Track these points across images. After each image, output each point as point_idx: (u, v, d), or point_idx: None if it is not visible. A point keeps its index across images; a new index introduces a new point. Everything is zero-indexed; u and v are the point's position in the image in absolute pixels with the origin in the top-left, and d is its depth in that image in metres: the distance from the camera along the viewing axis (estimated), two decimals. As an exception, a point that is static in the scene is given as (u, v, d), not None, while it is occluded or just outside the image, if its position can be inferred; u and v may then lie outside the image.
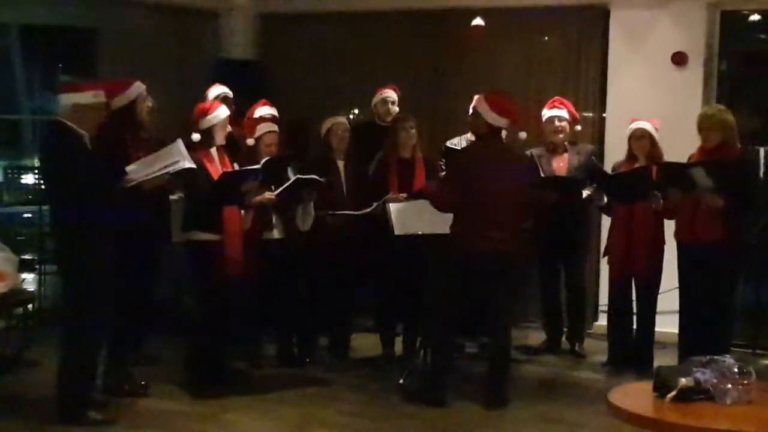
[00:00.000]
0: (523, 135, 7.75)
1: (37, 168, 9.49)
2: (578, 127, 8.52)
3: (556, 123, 8.32)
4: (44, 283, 9.11)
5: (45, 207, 9.00)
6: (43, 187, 8.29)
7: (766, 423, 4.25)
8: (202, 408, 6.80)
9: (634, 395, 4.70)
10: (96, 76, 9.41)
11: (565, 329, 8.78)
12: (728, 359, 4.49)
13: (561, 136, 8.33)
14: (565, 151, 8.35)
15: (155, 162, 6.47)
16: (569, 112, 8.38)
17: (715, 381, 4.39)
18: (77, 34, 10.10)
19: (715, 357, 4.52)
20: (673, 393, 4.41)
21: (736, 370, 4.42)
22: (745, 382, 4.40)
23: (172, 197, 7.60)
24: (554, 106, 8.39)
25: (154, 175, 6.42)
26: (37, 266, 9.13)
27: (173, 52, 10.05)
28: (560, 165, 8.29)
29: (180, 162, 6.47)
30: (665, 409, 4.39)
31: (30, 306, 8.30)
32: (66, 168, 6.15)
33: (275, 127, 7.82)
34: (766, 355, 8.41)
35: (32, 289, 8.73)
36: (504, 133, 7.27)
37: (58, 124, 6.25)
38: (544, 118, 8.42)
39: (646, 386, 4.71)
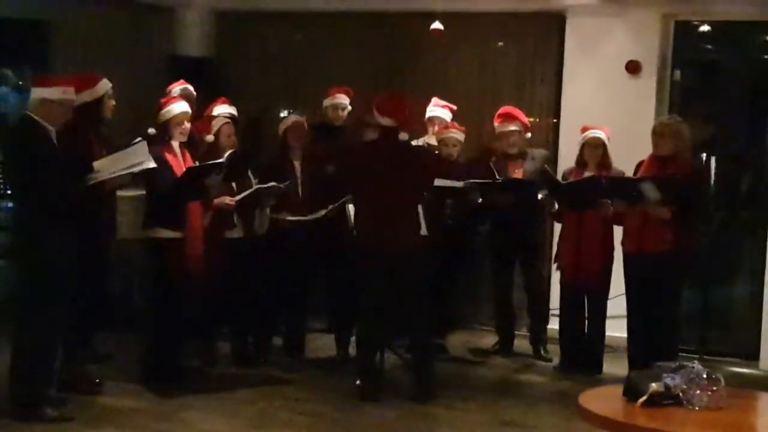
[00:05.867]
0: (404, 136, 7.70)
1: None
2: (528, 135, 8.56)
3: (510, 138, 8.38)
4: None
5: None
6: (4, 180, 8.22)
7: (734, 428, 4.35)
8: (159, 406, 6.78)
9: (605, 399, 4.76)
10: (48, 70, 9.27)
11: (526, 333, 8.88)
12: (697, 365, 4.57)
13: (514, 147, 8.40)
14: (520, 157, 8.41)
15: (119, 161, 6.46)
16: (521, 123, 8.42)
17: (684, 387, 4.47)
18: (29, 27, 9.93)
19: (685, 363, 4.60)
20: (644, 398, 4.48)
21: (705, 376, 4.49)
22: (714, 388, 4.48)
23: (119, 193, 7.52)
24: (504, 120, 8.43)
25: (117, 174, 6.43)
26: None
27: (127, 47, 9.95)
28: (516, 171, 8.35)
29: (144, 163, 6.48)
30: (635, 414, 4.46)
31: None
32: (31, 163, 6.12)
33: (229, 119, 7.81)
34: (731, 362, 8.55)
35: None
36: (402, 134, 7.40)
37: (26, 118, 6.22)
38: (496, 131, 8.50)
39: (616, 390, 4.77)
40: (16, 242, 6.52)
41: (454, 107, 8.54)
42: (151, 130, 7.23)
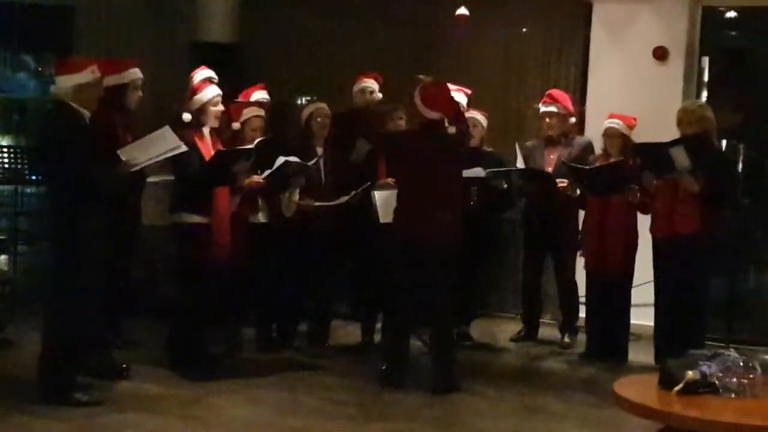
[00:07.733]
0: (452, 130, 7.65)
1: (9, 147, 9.34)
2: (572, 120, 8.52)
3: (546, 119, 8.37)
4: (17, 264, 8.99)
5: (21, 187, 8.98)
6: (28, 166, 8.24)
7: (771, 417, 4.31)
8: (185, 392, 6.75)
9: (640, 387, 4.74)
10: (70, 56, 9.27)
11: (551, 320, 8.84)
12: (733, 353, 4.55)
13: (553, 130, 8.38)
14: (559, 143, 8.38)
15: (146, 146, 6.42)
16: (562, 106, 8.38)
17: (720, 374, 4.45)
18: (51, 12, 9.93)
19: (720, 351, 4.58)
20: (680, 385, 4.45)
21: (741, 364, 4.47)
22: (750, 376, 4.45)
23: (149, 179, 7.51)
24: (545, 102, 8.43)
25: (156, 160, 6.41)
26: (10, 247, 9.01)
27: (151, 32, 9.95)
28: (551, 158, 8.32)
29: (178, 147, 6.46)
30: (672, 402, 4.44)
31: (5, 287, 8.19)
32: (71, 150, 6.10)
33: (262, 112, 7.79)
34: (758, 351, 8.41)
35: (6, 270, 8.61)
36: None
37: (63, 105, 6.19)
38: (540, 112, 8.49)
39: (651, 378, 4.76)
40: (49, 228, 6.52)
41: (469, 91, 8.47)
42: (186, 116, 7.17)
